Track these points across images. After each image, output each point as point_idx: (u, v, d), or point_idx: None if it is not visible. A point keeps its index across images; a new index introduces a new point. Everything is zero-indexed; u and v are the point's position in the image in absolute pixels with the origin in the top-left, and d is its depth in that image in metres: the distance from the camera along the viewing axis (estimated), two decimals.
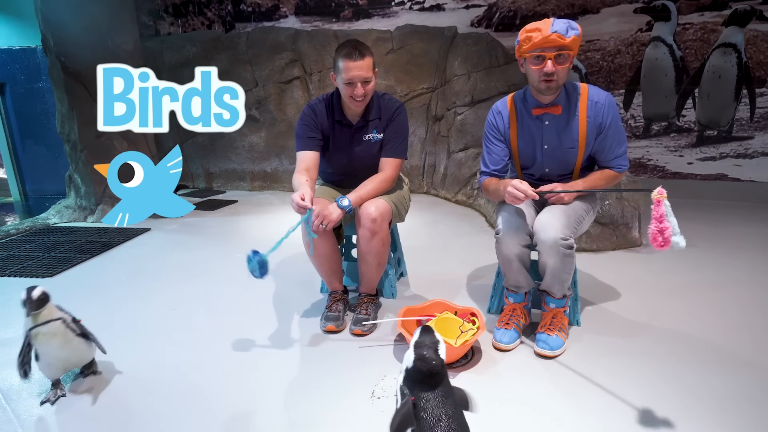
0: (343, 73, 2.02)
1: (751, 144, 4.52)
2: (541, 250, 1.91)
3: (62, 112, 4.07)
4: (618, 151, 2.01)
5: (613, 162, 2.01)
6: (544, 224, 1.89)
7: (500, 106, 2.11)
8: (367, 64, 2.03)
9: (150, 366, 1.94)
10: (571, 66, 1.90)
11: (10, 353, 2.04)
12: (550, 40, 1.80)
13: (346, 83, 2.03)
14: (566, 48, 1.82)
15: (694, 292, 2.53)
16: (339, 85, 2.08)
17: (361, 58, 2.01)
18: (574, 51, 1.86)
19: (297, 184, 2.03)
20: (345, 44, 2.05)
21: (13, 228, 3.85)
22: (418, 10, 5.15)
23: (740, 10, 4.32)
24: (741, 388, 1.72)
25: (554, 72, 1.84)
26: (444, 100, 4.85)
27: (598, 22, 4.68)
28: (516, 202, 1.89)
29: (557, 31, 1.79)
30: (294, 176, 2.10)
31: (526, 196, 1.84)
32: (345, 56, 2.01)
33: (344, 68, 2.01)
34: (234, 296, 2.58)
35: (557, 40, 1.79)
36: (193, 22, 5.72)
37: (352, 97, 2.06)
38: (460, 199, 4.48)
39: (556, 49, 1.81)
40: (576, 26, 1.83)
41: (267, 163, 5.35)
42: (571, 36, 1.81)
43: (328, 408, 1.66)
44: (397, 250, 2.66)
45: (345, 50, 2.02)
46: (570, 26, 1.82)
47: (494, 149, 2.13)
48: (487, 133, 2.14)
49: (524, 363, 1.91)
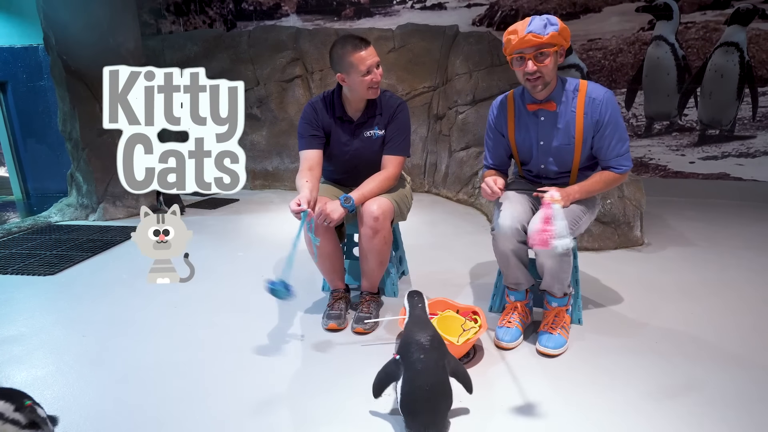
0: (359, 65, 2.01)
1: (754, 143, 4.51)
2: (537, 251, 1.91)
3: (64, 110, 4.07)
4: (618, 150, 1.97)
5: (613, 161, 1.98)
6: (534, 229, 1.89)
7: (500, 101, 2.13)
8: (373, 49, 2.07)
9: (151, 364, 1.94)
10: (557, 60, 1.88)
11: (12, 351, 2.05)
12: (526, 41, 1.81)
13: (365, 74, 2.03)
14: (545, 45, 1.82)
15: (697, 292, 2.52)
16: (354, 81, 2.06)
17: (367, 45, 2.05)
18: (559, 45, 1.84)
19: (298, 186, 2.05)
20: (343, 41, 2.05)
21: (15, 226, 3.86)
22: (420, 9, 5.15)
23: (742, 9, 4.31)
24: (745, 387, 1.72)
25: (536, 71, 1.86)
26: (445, 99, 4.84)
27: (600, 20, 4.67)
28: (488, 197, 1.94)
29: (532, 31, 1.80)
30: (297, 178, 2.10)
31: (493, 192, 1.92)
32: (353, 49, 2.02)
33: (358, 60, 2.01)
34: (235, 295, 2.58)
35: (533, 40, 1.80)
36: (194, 20, 5.71)
37: (370, 87, 2.07)
38: (461, 198, 4.48)
39: (534, 49, 1.82)
40: (555, 21, 1.82)
41: (268, 162, 5.35)
42: (549, 32, 1.80)
43: (330, 406, 1.66)
44: (399, 248, 2.66)
45: (349, 45, 2.03)
46: (549, 22, 1.81)
47: (492, 144, 2.17)
48: (487, 127, 2.18)
49: (526, 361, 1.91)
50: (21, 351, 2.04)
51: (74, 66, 3.88)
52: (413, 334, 1.57)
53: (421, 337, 1.54)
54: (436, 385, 1.46)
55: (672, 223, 3.73)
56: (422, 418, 1.45)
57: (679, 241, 3.32)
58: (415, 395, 1.45)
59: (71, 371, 1.89)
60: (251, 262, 3.05)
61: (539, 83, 1.89)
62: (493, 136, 2.16)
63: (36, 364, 1.94)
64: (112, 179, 4.14)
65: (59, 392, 1.76)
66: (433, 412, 1.46)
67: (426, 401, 1.45)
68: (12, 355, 2.02)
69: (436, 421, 1.47)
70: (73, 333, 2.19)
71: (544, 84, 1.90)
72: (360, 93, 2.10)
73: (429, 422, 1.45)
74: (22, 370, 1.90)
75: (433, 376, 1.47)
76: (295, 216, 1.92)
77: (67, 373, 1.87)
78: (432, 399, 1.45)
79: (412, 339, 1.54)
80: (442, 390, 1.48)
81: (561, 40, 1.84)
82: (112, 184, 4.14)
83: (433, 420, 1.46)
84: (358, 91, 2.09)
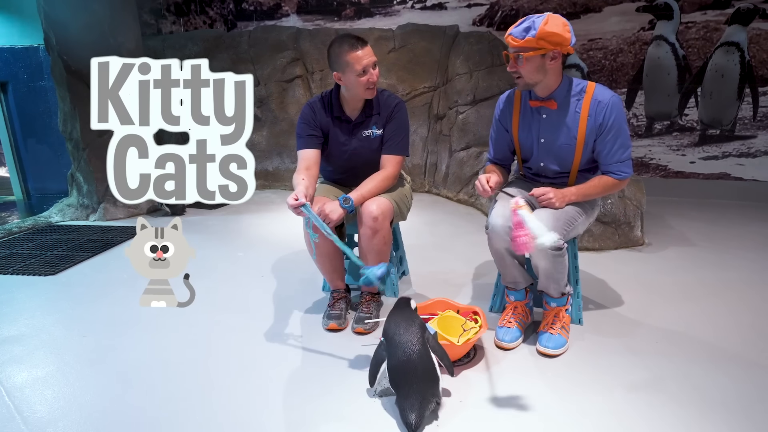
0: (355, 65, 2.02)
1: (754, 143, 4.51)
2: (530, 253, 1.90)
3: (64, 110, 4.07)
4: (620, 156, 1.95)
5: (613, 167, 1.97)
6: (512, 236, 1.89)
7: (507, 95, 2.14)
8: (370, 49, 2.08)
9: (152, 364, 1.94)
10: (542, 63, 1.87)
11: (13, 351, 2.05)
12: (507, 41, 1.87)
13: (360, 73, 2.03)
14: (521, 50, 1.84)
15: (697, 292, 2.52)
16: (350, 80, 2.07)
17: (364, 45, 2.05)
18: (538, 51, 1.82)
19: (294, 184, 2.04)
20: (341, 41, 2.06)
21: (16, 226, 3.86)
22: (420, 9, 5.14)
23: (743, 9, 4.30)
24: (745, 388, 1.72)
25: (516, 71, 1.90)
26: (446, 99, 4.84)
27: (601, 20, 4.67)
28: (481, 194, 1.95)
29: (512, 34, 1.86)
30: (294, 177, 2.10)
31: (483, 190, 1.91)
32: (350, 48, 2.02)
33: (354, 60, 2.02)
34: (236, 295, 2.58)
35: (511, 42, 1.86)
36: (194, 20, 5.71)
37: (367, 87, 2.07)
38: (461, 198, 4.48)
39: (513, 50, 1.87)
40: (538, 26, 1.79)
41: (269, 162, 5.35)
42: (526, 38, 1.81)
43: (330, 406, 1.66)
44: (399, 248, 2.66)
45: (346, 44, 2.03)
46: (532, 26, 1.81)
47: (496, 137, 2.19)
48: (493, 120, 2.20)
49: (526, 361, 1.91)
50: (22, 351, 2.05)
51: (75, 66, 3.89)
52: (394, 315, 1.67)
53: (402, 317, 1.64)
54: (418, 357, 1.56)
55: (672, 223, 3.73)
56: (408, 389, 1.53)
57: (679, 241, 3.31)
58: (399, 368, 1.55)
59: (72, 371, 1.89)
60: (251, 263, 3.05)
61: (520, 82, 1.94)
62: (498, 130, 2.17)
63: (36, 364, 1.94)
64: None
65: (60, 392, 1.76)
66: (418, 382, 1.54)
67: (410, 373, 1.54)
68: (12, 355, 2.02)
69: (422, 389, 1.54)
70: (74, 333, 2.19)
71: (525, 84, 1.93)
72: (356, 92, 2.10)
73: (415, 391, 1.53)
74: (22, 370, 1.90)
75: (415, 348, 1.57)
76: (294, 212, 1.86)
77: (67, 373, 1.88)
78: (416, 370, 1.55)
79: (393, 319, 1.66)
80: (424, 361, 1.56)
81: (543, 45, 1.81)
82: None
83: (419, 389, 1.53)
84: (355, 90, 2.10)
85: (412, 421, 1.49)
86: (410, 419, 1.50)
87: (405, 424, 1.51)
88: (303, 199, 1.85)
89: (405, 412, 1.52)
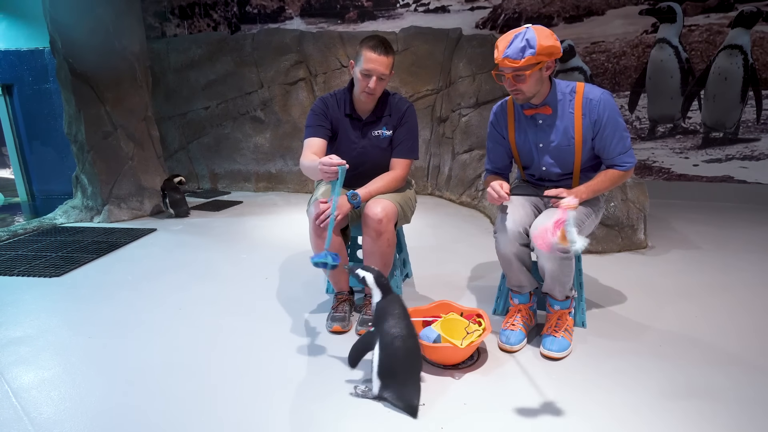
0: (364, 64, 2.05)
1: (758, 146, 4.50)
2: (538, 254, 1.92)
3: (69, 113, 4.10)
4: (621, 148, 1.97)
5: (617, 159, 1.99)
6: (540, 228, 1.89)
7: (501, 105, 2.14)
8: (389, 62, 2.08)
9: (157, 366, 1.95)
10: (540, 75, 1.87)
11: (19, 351, 2.06)
12: (504, 64, 1.83)
13: (364, 74, 2.06)
14: (521, 69, 1.82)
15: (700, 294, 2.52)
16: (355, 74, 2.12)
17: (384, 55, 2.06)
18: (539, 65, 1.83)
19: (309, 162, 2.00)
20: (373, 37, 2.10)
21: (21, 228, 3.88)
22: (423, 12, 5.16)
23: (746, 12, 4.31)
24: (748, 391, 1.72)
25: (516, 88, 1.89)
26: (449, 102, 4.85)
27: (604, 23, 4.67)
28: (494, 201, 1.94)
29: (509, 56, 1.80)
30: (302, 160, 2.09)
31: (499, 197, 1.91)
32: (370, 48, 2.05)
33: (366, 59, 2.05)
34: (240, 297, 2.59)
35: (509, 65, 1.82)
36: (198, 23, 5.74)
37: (363, 90, 2.10)
38: (464, 201, 4.48)
39: (510, 71, 1.84)
40: (534, 43, 1.78)
41: (272, 164, 5.37)
42: (526, 57, 1.78)
43: (334, 408, 1.66)
44: (403, 251, 2.67)
45: (372, 42, 2.07)
46: (528, 45, 1.78)
47: (494, 147, 2.19)
48: (488, 131, 2.20)
49: (530, 364, 1.91)
50: (28, 352, 2.06)
51: (80, 69, 3.91)
52: (385, 307, 1.71)
53: (393, 309, 1.69)
54: (410, 348, 1.65)
55: (676, 226, 3.73)
56: (400, 378, 1.63)
57: (682, 244, 3.31)
58: (393, 358, 1.63)
59: (78, 372, 1.90)
60: (255, 265, 3.06)
61: (520, 97, 1.93)
62: (495, 140, 2.17)
63: (43, 365, 1.95)
64: (116, 181, 4.17)
65: (66, 393, 1.77)
66: (410, 371, 1.66)
67: (403, 362, 1.64)
68: (19, 356, 2.03)
69: (413, 379, 1.66)
70: (79, 334, 2.21)
71: (525, 98, 1.93)
72: (356, 89, 2.15)
73: (406, 380, 1.64)
74: (29, 371, 1.91)
75: (407, 340, 1.65)
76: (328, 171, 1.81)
77: (73, 375, 1.89)
78: (408, 360, 1.65)
79: (384, 311, 1.70)
80: (415, 352, 1.68)
81: (542, 59, 1.82)
82: (117, 186, 4.17)
83: (410, 378, 1.65)
84: (356, 86, 2.14)
85: (416, 404, 1.61)
86: (414, 403, 1.62)
87: (409, 407, 1.61)
88: (338, 161, 1.80)
89: (406, 398, 1.62)
